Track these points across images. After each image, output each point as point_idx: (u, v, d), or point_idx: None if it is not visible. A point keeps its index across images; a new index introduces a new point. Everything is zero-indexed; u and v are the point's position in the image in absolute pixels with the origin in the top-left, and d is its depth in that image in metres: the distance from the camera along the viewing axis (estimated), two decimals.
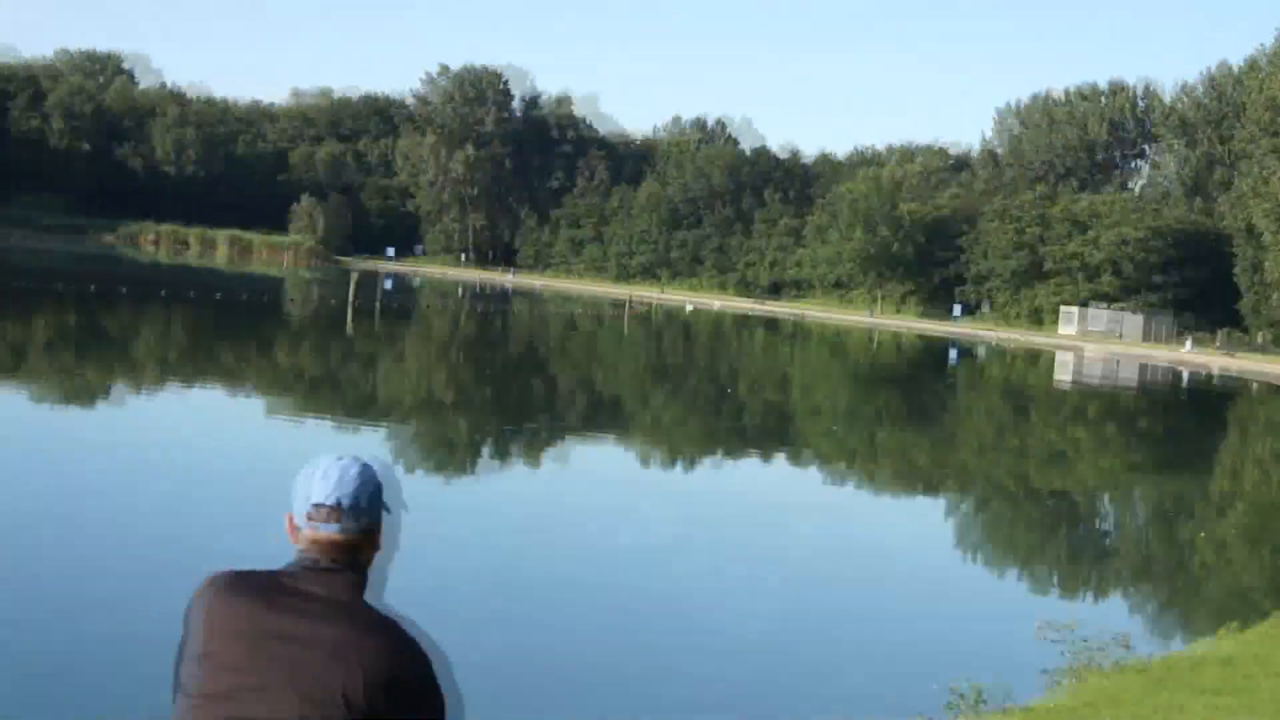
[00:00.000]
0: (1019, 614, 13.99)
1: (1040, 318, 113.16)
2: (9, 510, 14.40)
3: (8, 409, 22.17)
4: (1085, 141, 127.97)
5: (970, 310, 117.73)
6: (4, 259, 72.28)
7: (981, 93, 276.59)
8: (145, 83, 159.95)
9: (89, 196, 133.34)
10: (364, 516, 3.23)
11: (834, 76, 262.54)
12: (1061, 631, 12.07)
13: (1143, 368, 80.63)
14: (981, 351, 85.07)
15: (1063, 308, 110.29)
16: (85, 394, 25.71)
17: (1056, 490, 27.41)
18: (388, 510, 3.33)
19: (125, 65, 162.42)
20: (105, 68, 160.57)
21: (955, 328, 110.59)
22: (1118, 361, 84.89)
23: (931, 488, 26.20)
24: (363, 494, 3.23)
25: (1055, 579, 18.18)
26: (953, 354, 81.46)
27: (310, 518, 3.19)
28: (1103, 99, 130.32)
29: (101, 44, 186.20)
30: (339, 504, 3.19)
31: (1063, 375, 67.94)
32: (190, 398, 27.64)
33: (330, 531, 3.19)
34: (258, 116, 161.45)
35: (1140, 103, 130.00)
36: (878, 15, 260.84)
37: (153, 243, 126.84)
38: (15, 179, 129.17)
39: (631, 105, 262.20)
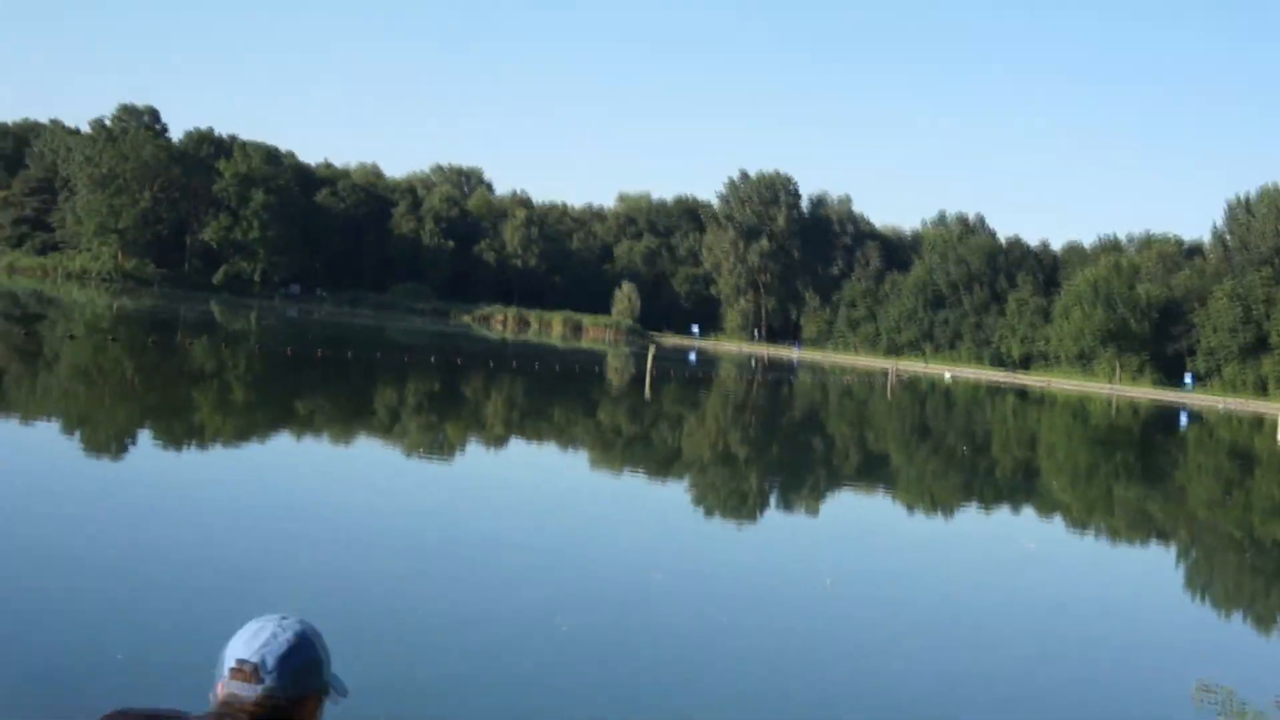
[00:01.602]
0: (1182, 672, 12.11)
1: (1265, 386, 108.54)
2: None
3: (326, 458, 22.96)
4: None
5: (1201, 379, 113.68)
6: (380, 336, 76.20)
7: (1214, 186, 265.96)
8: (500, 190, 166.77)
9: (451, 284, 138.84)
10: (290, 683, 2.53)
11: (1082, 171, 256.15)
12: (1220, 694, 10.75)
13: None
14: (1210, 416, 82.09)
15: None
16: (362, 445, 25.51)
17: (1270, 542, 25.12)
18: (337, 691, 2.68)
19: (485, 177, 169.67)
20: (469, 179, 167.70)
21: (1187, 395, 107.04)
22: None
23: (1137, 537, 24.50)
24: (294, 658, 2.56)
25: (1235, 635, 15.87)
26: (1183, 418, 78.31)
27: (231, 675, 2.53)
28: None
29: (467, 160, 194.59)
30: (262, 663, 2.52)
31: None
32: (464, 452, 27.46)
33: (248, 694, 2.51)
34: (590, 217, 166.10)
35: None
36: (1123, 119, 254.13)
37: (500, 323, 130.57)
38: (394, 271, 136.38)
39: (900, 200, 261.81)
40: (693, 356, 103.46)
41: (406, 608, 11.52)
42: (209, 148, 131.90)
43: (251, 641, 2.54)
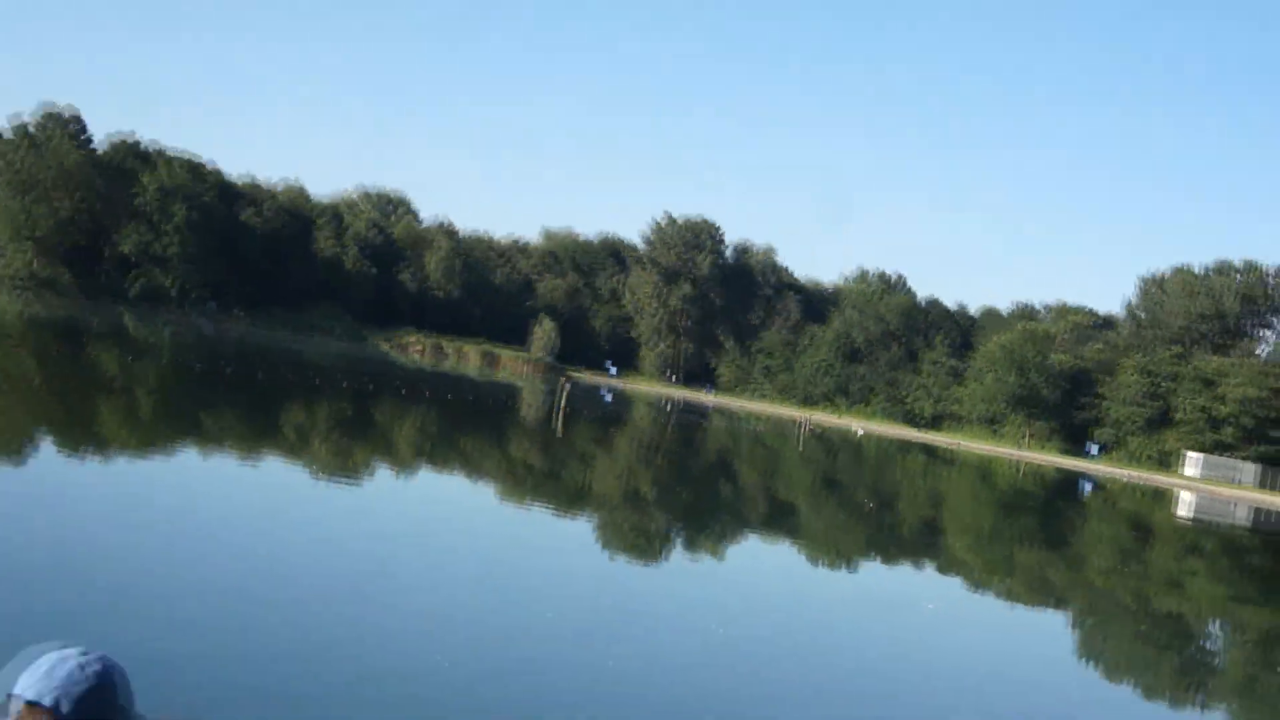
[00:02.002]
0: None
1: (1167, 460, 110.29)
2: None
3: (232, 479, 22.48)
4: (1218, 310, 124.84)
5: (1105, 449, 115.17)
6: (297, 358, 75.20)
7: (1129, 262, 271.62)
8: (425, 218, 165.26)
9: (371, 309, 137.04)
10: None
11: (1001, 239, 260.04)
12: None
13: (1256, 511, 77.84)
14: (1113, 486, 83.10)
15: (1188, 453, 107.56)
16: (253, 468, 25.25)
17: (1162, 613, 25.32)
18: None
19: (411, 204, 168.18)
20: (396, 205, 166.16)
21: (1091, 464, 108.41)
22: (1233, 504, 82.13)
23: (1043, 602, 24.49)
24: (94, 701, 2.12)
25: (1121, 704, 15.94)
26: (1086, 487, 79.16)
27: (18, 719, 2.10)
28: (1237, 275, 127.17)
29: (393, 185, 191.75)
30: (56, 706, 2.08)
31: (1183, 512, 65.58)
32: (360, 479, 26.77)
33: None
34: (514, 251, 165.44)
35: (1270, 280, 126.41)
36: (1044, 189, 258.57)
37: (417, 350, 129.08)
38: (313, 292, 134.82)
39: (823, 254, 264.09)
40: (608, 395, 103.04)
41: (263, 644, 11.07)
42: (133, 159, 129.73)
43: (45, 680, 2.09)
